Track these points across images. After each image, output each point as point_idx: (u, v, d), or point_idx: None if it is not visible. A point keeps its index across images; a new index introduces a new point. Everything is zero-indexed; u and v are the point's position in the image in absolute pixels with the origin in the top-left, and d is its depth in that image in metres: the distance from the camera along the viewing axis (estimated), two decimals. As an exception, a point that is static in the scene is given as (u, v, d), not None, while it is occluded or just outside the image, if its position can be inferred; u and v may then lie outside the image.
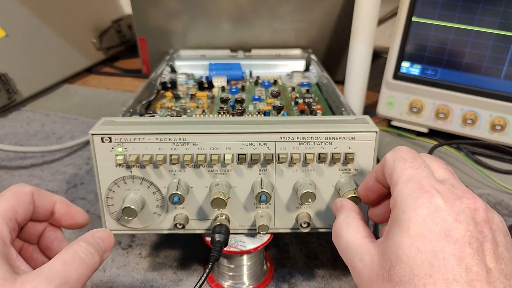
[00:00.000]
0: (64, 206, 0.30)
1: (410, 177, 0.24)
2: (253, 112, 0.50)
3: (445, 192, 0.23)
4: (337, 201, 0.32)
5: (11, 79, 0.76)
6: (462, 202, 0.23)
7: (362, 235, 0.27)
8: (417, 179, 0.24)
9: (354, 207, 0.30)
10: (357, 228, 0.27)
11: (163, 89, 0.58)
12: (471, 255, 0.21)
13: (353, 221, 0.28)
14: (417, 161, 0.26)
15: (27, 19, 0.82)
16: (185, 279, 0.40)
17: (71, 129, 0.71)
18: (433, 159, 0.27)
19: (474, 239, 0.22)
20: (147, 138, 0.34)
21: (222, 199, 0.33)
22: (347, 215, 0.29)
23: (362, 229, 0.27)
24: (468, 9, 0.58)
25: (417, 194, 0.23)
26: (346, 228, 0.28)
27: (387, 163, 0.27)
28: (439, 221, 0.22)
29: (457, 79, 0.61)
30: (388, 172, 0.27)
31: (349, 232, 0.27)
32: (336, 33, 0.83)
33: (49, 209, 0.29)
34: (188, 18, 0.83)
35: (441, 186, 0.24)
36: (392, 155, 0.27)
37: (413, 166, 0.25)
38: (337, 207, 0.31)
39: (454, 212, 0.22)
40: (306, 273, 0.41)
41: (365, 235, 0.27)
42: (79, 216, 0.31)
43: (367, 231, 0.27)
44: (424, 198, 0.23)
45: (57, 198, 0.30)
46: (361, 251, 0.25)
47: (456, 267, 0.21)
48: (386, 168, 0.27)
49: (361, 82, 0.68)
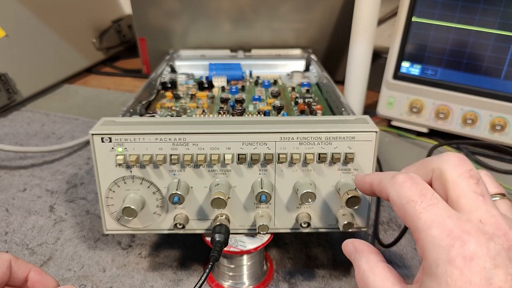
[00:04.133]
0: (38, 274, 0.32)
1: (430, 223, 0.22)
2: (253, 112, 0.50)
3: (476, 233, 0.21)
4: (347, 244, 0.29)
5: (11, 79, 0.76)
6: (496, 242, 0.21)
7: (392, 283, 0.25)
8: (438, 222, 0.22)
9: (371, 248, 0.28)
10: (383, 274, 0.25)
11: (163, 89, 0.58)
12: None
13: (376, 266, 0.26)
14: (427, 197, 0.23)
15: (27, 19, 0.82)
16: (185, 279, 0.40)
17: (71, 129, 0.71)
18: (461, 177, 0.24)
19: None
20: (147, 138, 0.34)
21: (222, 199, 0.33)
22: (367, 259, 0.27)
23: (389, 274, 0.25)
24: (468, 9, 0.58)
25: (447, 243, 0.21)
26: (372, 276, 0.25)
27: (395, 204, 0.25)
28: (478, 270, 0.21)
29: (457, 79, 0.61)
30: (400, 215, 0.24)
31: (377, 280, 0.25)
32: (336, 33, 0.83)
33: (24, 276, 0.31)
34: (188, 18, 0.83)
35: (469, 226, 0.22)
36: (397, 196, 0.25)
37: (426, 207, 0.23)
38: (350, 252, 0.29)
39: (490, 256, 0.21)
40: (306, 273, 0.41)
41: (394, 282, 0.25)
42: (50, 284, 0.32)
43: (394, 275, 0.25)
44: (456, 247, 0.21)
45: (31, 267, 0.32)
46: None
47: None
48: (395, 210, 0.25)
49: (361, 82, 0.68)
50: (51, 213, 0.50)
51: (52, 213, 0.50)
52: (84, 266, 0.42)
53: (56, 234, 0.46)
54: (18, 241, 0.45)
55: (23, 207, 0.51)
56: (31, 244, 0.45)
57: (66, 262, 0.42)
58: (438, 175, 0.25)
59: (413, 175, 0.25)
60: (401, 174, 0.25)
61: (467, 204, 0.23)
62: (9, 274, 0.30)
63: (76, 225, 0.47)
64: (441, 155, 0.26)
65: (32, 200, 0.52)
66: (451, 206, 0.23)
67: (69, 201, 0.52)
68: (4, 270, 0.29)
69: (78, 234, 0.46)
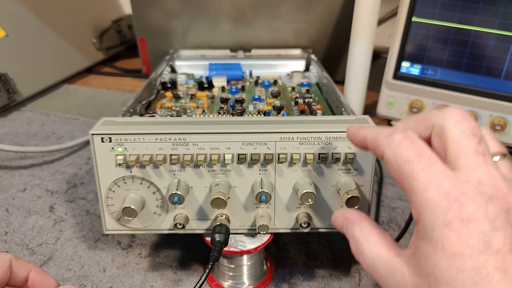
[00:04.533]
0: (38, 274, 0.32)
1: (427, 184, 0.21)
2: (253, 112, 0.50)
3: (474, 195, 0.21)
4: (337, 216, 0.28)
5: (11, 79, 0.76)
6: (494, 204, 0.21)
7: (386, 249, 0.24)
8: (436, 184, 0.21)
9: (362, 215, 0.27)
10: (377, 240, 0.25)
11: (163, 89, 0.58)
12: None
13: (370, 233, 0.26)
14: (424, 157, 0.22)
15: (27, 19, 0.82)
16: (185, 279, 0.40)
17: (71, 129, 0.71)
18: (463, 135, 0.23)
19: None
20: (147, 138, 0.34)
21: (222, 199, 0.33)
22: (360, 229, 0.26)
23: (383, 240, 0.25)
24: (468, 9, 0.58)
25: (444, 205, 0.21)
26: (366, 244, 0.25)
27: (390, 164, 0.24)
28: (476, 233, 0.20)
29: (457, 79, 0.61)
30: (395, 176, 0.23)
31: (371, 247, 0.25)
32: (336, 33, 0.83)
33: (24, 276, 0.31)
34: (188, 18, 0.83)
35: (468, 187, 0.21)
36: (393, 155, 0.23)
37: (423, 168, 0.22)
38: (341, 223, 0.28)
39: (488, 219, 0.20)
40: (306, 273, 0.41)
41: (389, 247, 0.24)
42: (51, 284, 0.32)
43: (388, 240, 0.25)
44: (454, 209, 0.20)
45: (32, 267, 0.32)
46: (389, 268, 0.23)
47: (501, 281, 0.19)
48: (390, 170, 0.24)
49: (361, 82, 0.68)
50: (51, 213, 0.50)
51: (52, 213, 0.50)
52: (84, 266, 0.42)
53: (56, 234, 0.46)
54: (18, 241, 0.45)
55: (23, 207, 0.51)
56: (31, 244, 0.45)
57: (66, 262, 0.42)
58: (438, 132, 0.24)
59: (410, 134, 0.24)
60: (398, 133, 0.24)
61: (466, 163, 0.22)
62: (9, 274, 0.30)
63: (76, 225, 0.47)
64: (444, 110, 0.24)
65: (32, 200, 0.52)
66: (449, 165, 0.22)
67: (69, 201, 0.52)
68: (5, 270, 0.30)
69: (78, 234, 0.46)
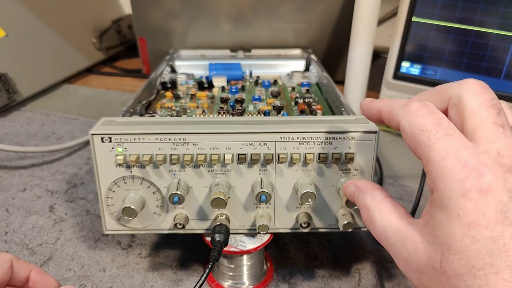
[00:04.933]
0: (39, 274, 0.32)
1: (445, 154, 0.21)
2: (253, 112, 0.50)
3: (493, 165, 0.20)
4: (348, 185, 0.28)
5: (11, 79, 0.76)
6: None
7: (399, 217, 0.24)
8: (454, 154, 0.21)
9: (374, 185, 0.27)
10: (389, 209, 0.25)
11: (163, 89, 0.58)
12: None
13: (382, 202, 0.25)
14: (442, 126, 0.22)
15: (27, 19, 0.82)
16: (185, 279, 0.40)
17: (71, 129, 0.71)
18: (482, 107, 0.22)
19: None
20: (147, 138, 0.34)
21: (222, 199, 0.33)
22: (372, 197, 0.26)
23: (395, 209, 0.25)
24: (468, 9, 0.58)
25: (461, 175, 0.20)
26: (378, 212, 0.25)
27: (405, 134, 0.23)
28: (493, 203, 0.19)
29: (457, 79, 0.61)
30: (412, 146, 0.23)
31: (383, 216, 0.25)
32: (336, 33, 0.83)
33: (25, 276, 0.31)
34: (188, 18, 0.83)
35: (487, 158, 0.20)
36: (409, 125, 0.23)
37: (441, 137, 0.21)
38: (352, 192, 0.28)
39: (507, 189, 0.20)
40: (306, 273, 0.41)
41: (402, 216, 0.24)
42: (51, 284, 0.32)
43: (400, 210, 0.24)
44: (472, 179, 0.20)
45: (33, 267, 0.32)
46: (401, 237, 0.23)
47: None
48: (406, 140, 0.23)
49: (361, 82, 0.68)
50: (51, 213, 0.50)
51: (52, 213, 0.50)
52: (84, 266, 0.42)
53: (56, 234, 0.46)
54: (18, 241, 0.45)
55: (23, 207, 0.51)
56: (31, 244, 0.45)
57: (66, 262, 0.42)
58: (455, 103, 0.23)
59: (427, 103, 0.23)
60: (415, 102, 0.23)
61: (485, 135, 0.21)
62: (10, 274, 0.30)
63: (76, 225, 0.47)
64: (461, 82, 0.24)
65: (32, 200, 0.52)
66: (467, 137, 0.22)
67: (69, 201, 0.52)
68: (6, 270, 0.30)
69: (78, 234, 0.46)
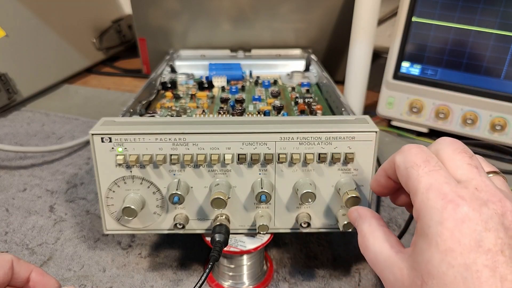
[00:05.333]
0: (39, 275, 0.32)
1: (428, 186, 0.23)
2: (253, 112, 0.50)
3: (470, 198, 0.22)
4: (352, 211, 0.31)
5: (11, 79, 0.76)
6: (489, 207, 0.22)
7: (389, 245, 0.26)
8: (436, 186, 0.23)
9: (374, 214, 0.29)
10: (383, 237, 0.27)
11: (163, 89, 0.58)
12: (505, 263, 0.21)
13: (377, 230, 0.27)
14: (430, 163, 0.24)
15: (27, 19, 0.82)
16: (185, 279, 0.40)
17: (71, 129, 0.71)
18: (455, 152, 0.25)
19: (506, 246, 0.21)
20: (147, 138, 0.34)
21: (222, 199, 0.33)
22: (369, 224, 0.28)
23: (388, 237, 0.27)
24: (468, 9, 0.58)
25: (440, 205, 0.22)
26: (372, 239, 0.27)
27: (399, 169, 0.26)
28: (468, 232, 0.21)
29: (457, 79, 0.61)
30: (403, 180, 0.25)
31: (376, 243, 0.27)
32: (336, 33, 0.83)
33: (25, 276, 0.31)
34: (188, 18, 0.83)
35: (465, 192, 0.22)
36: (403, 160, 0.26)
37: (428, 172, 0.24)
38: (354, 218, 0.30)
39: (482, 220, 0.21)
40: (306, 273, 0.41)
41: (392, 244, 0.26)
42: (52, 284, 0.32)
43: (393, 239, 0.27)
44: (449, 209, 0.22)
45: (33, 267, 0.32)
46: (390, 263, 0.25)
47: (490, 278, 0.20)
48: (399, 175, 0.26)
49: (361, 82, 0.68)
50: (51, 213, 0.50)
51: (52, 213, 0.50)
52: (84, 266, 0.42)
53: (56, 234, 0.46)
54: (18, 241, 0.45)
55: (23, 207, 0.51)
56: (31, 244, 0.45)
57: (66, 262, 0.42)
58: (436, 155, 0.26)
59: (420, 145, 0.26)
60: (410, 144, 0.27)
61: (463, 174, 0.24)
62: (11, 274, 0.30)
63: (76, 225, 0.47)
64: (436, 141, 0.27)
65: (32, 200, 0.52)
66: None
67: (69, 201, 0.52)
68: (6, 271, 0.30)
69: (78, 234, 0.46)
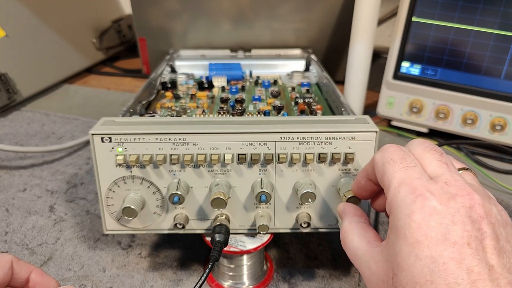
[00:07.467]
0: (39, 275, 0.32)
1: (401, 181, 0.24)
2: (253, 112, 0.50)
3: (438, 193, 0.23)
4: (339, 206, 0.32)
5: (11, 79, 0.76)
6: (457, 201, 0.22)
7: (367, 241, 0.27)
8: (408, 181, 0.24)
9: (356, 210, 0.30)
10: (361, 233, 0.27)
11: (163, 89, 0.58)
12: (471, 255, 0.21)
13: (356, 226, 0.28)
14: (406, 160, 0.25)
15: (27, 19, 0.82)
16: (185, 279, 0.40)
17: (71, 129, 0.71)
18: (425, 151, 0.26)
19: (472, 238, 0.21)
20: (147, 138, 0.34)
21: (222, 199, 0.33)
22: (350, 221, 0.29)
23: (366, 233, 0.27)
24: (468, 9, 0.58)
25: (410, 199, 0.23)
26: (351, 235, 0.28)
27: (377, 165, 0.27)
28: (435, 225, 0.22)
29: (457, 79, 0.61)
30: (379, 176, 0.26)
31: (354, 238, 0.27)
32: (336, 33, 0.83)
33: (25, 277, 0.32)
34: (188, 18, 0.83)
35: (434, 186, 0.23)
36: (381, 157, 0.27)
37: (403, 168, 0.25)
38: (340, 213, 0.31)
39: (449, 213, 0.22)
40: (306, 273, 0.41)
41: (370, 240, 0.27)
42: (51, 285, 0.32)
43: (371, 234, 0.27)
44: (418, 202, 0.22)
45: (33, 268, 0.32)
46: (367, 257, 0.26)
47: (456, 270, 0.21)
48: (376, 171, 0.27)
49: (361, 82, 0.68)
50: (51, 213, 0.50)
51: (52, 213, 0.50)
52: (84, 266, 0.42)
53: (56, 234, 0.46)
54: (18, 241, 0.45)
55: (23, 207, 0.51)
56: (31, 244, 0.45)
57: (66, 262, 0.42)
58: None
59: (399, 145, 0.27)
60: (389, 144, 0.28)
61: (434, 170, 0.25)
62: (10, 275, 0.30)
63: (76, 225, 0.47)
64: (408, 143, 0.28)
65: (32, 200, 0.52)
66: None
67: (69, 201, 0.52)
68: (6, 271, 0.30)
69: (78, 234, 0.46)
